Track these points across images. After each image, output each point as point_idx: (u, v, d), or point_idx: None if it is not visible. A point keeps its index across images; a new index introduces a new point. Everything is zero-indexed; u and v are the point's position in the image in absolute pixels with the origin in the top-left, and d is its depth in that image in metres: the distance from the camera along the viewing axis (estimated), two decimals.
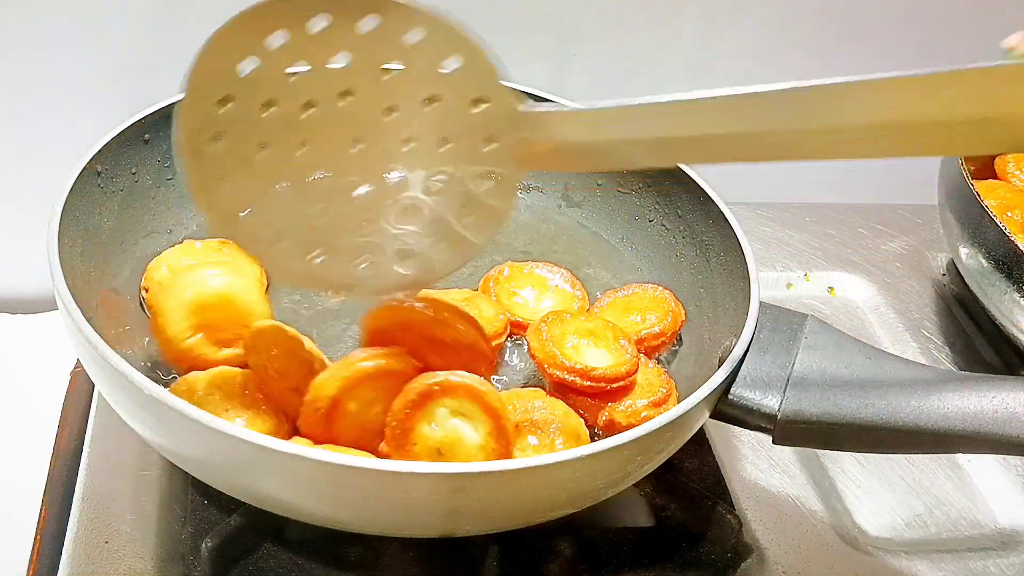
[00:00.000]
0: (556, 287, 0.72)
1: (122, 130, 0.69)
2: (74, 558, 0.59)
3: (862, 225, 0.98)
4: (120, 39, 0.81)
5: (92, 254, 0.66)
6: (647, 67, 0.95)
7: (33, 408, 0.76)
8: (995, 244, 0.75)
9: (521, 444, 0.57)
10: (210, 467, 0.54)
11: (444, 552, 0.60)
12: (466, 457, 0.53)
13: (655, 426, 0.52)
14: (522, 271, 0.73)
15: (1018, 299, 0.75)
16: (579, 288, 0.73)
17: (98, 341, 0.52)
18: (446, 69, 0.50)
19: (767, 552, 0.65)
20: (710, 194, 0.71)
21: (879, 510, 0.70)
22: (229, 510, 0.59)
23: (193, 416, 0.49)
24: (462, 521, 0.52)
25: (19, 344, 0.84)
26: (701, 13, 0.92)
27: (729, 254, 0.68)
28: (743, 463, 0.71)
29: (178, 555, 0.59)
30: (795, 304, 0.82)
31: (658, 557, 0.63)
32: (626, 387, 0.62)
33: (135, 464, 0.64)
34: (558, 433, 0.58)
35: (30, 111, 0.83)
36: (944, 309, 0.90)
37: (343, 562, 0.59)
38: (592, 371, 0.61)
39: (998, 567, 0.67)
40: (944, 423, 0.55)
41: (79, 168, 0.64)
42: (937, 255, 0.96)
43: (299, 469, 0.48)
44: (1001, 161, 0.92)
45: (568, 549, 0.62)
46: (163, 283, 0.64)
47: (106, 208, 0.68)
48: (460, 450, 0.53)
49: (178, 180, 0.75)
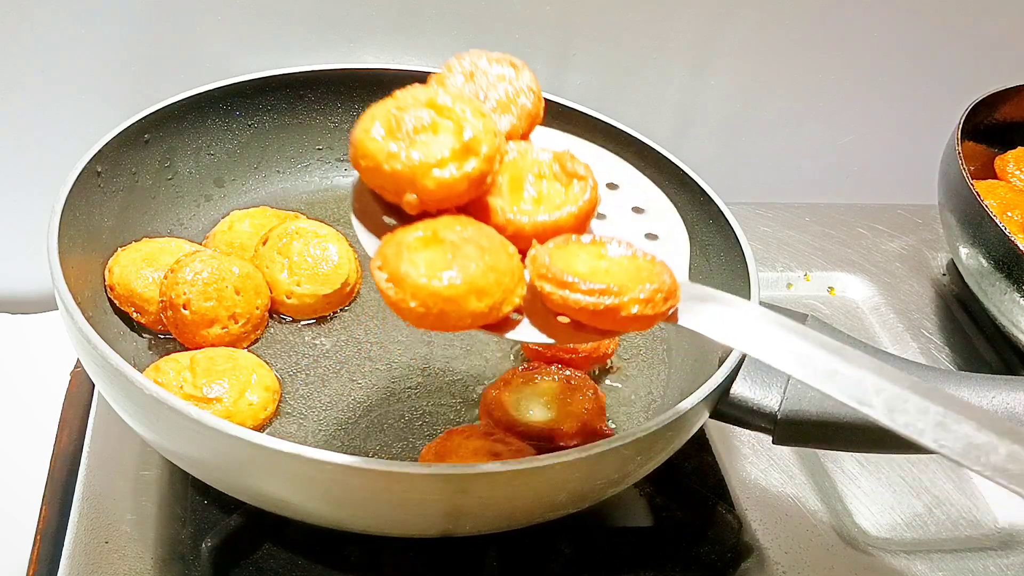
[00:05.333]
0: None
1: (122, 130, 0.69)
2: (74, 558, 0.59)
3: (862, 225, 0.98)
4: (120, 39, 0.81)
5: (92, 254, 0.66)
6: (647, 67, 0.95)
7: (33, 408, 0.76)
8: (995, 244, 0.75)
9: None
10: (210, 467, 0.54)
11: (444, 552, 0.60)
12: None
13: (655, 426, 0.52)
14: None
15: (1018, 299, 0.75)
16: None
17: (98, 341, 0.52)
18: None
19: (767, 552, 0.65)
20: (710, 194, 0.71)
21: (879, 510, 0.70)
22: (229, 510, 0.59)
23: (193, 416, 0.49)
24: (462, 521, 0.52)
25: (19, 344, 0.84)
26: (701, 13, 0.92)
27: (729, 254, 0.68)
28: (743, 463, 0.71)
29: (178, 555, 0.59)
30: (795, 304, 0.82)
31: (658, 557, 0.63)
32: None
33: (135, 464, 0.64)
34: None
35: (30, 111, 0.83)
36: (944, 309, 0.90)
37: (343, 562, 0.59)
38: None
39: (998, 567, 0.67)
40: None
41: (79, 168, 0.64)
42: (937, 255, 0.96)
43: (299, 469, 0.48)
44: (1001, 161, 0.92)
45: (568, 549, 0.62)
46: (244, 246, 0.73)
47: (106, 208, 0.68)
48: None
49: (178, 180, 0.75)
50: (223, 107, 0.77)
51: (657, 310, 0.45)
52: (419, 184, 0.46)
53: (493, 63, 0.55)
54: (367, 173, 0.47)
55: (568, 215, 0.49)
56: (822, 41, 0.97)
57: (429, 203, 0.47)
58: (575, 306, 0.45)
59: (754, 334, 0.46)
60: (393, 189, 0.47)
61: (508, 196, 0.50)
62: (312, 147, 0.82)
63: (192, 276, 0.65)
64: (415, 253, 0.45)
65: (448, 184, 0.46)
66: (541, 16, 0.89)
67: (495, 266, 0.45)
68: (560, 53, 0.93)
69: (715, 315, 0.47)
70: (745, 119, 1.01)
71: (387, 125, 0.47)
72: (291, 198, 0.81)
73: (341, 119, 0.82)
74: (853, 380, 0.42)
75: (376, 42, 0.87)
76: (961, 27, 1.00)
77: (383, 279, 0.45)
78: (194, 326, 0.65)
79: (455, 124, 0.47)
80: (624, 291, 0.45)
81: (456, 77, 0.54)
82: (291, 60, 0.84)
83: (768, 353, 0.45)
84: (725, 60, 0.96)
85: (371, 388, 0.67)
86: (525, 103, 0.54)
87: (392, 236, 0.46)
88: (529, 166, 0.51)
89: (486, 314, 0.45)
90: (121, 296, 0.66)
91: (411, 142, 0.46)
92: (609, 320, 0.45)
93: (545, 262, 0.46)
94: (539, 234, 0.48)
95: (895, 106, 1.04)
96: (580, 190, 0.50)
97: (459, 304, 0.44)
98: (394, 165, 0.45)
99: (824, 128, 1.04)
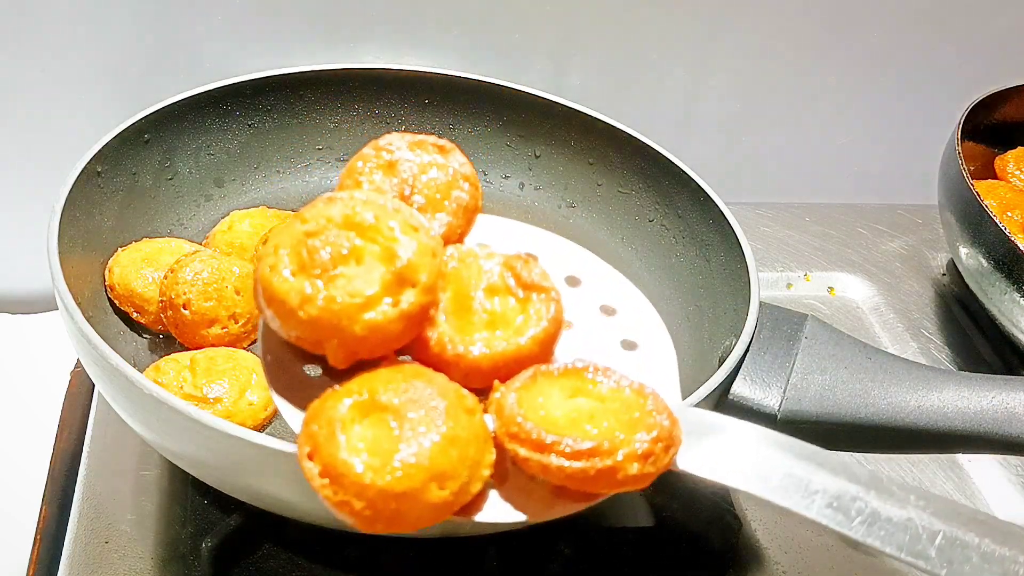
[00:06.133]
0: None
1: (122, 130, 0.69)
2: (74, 558, 0.59)
3: (862, 225, 0.98)
4: (120, 39, 0.81)
5: (92, 254, 0.66)
6: (647, 67, 0.95)
7: (33, 408, 0.76)
8: (995, 244, 0.75)
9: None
10: (210, 467, 0.54)
11: (444, 552, 0.60)
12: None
13: None
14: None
15: (1018, 299, 0.75)
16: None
17: (98, 341, 0.52)
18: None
19: (767, 552, 0.65)
20: (710, 194, 0.71)
21: None
22: (229, 510, 0.59)
23: (193, 416, 0.49)
24: (462, 521, 0.52)
25: (19, 344, 0.84)
26: (701, 13, 0.92)
27: (729, 254, 0.68)
28: None
29: (178, 555, 0.59)
30: (795, 304, 0.82)
31: (658, 557, 0.63)
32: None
33: (135, 464, 0.64)
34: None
35: (30, 111, 0.83)
36: (944, 309, 0.90)
37: (343, 562, 0.59)
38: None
39: None
40: (944, 423, 0.55)
41: (79, 168, 0.64)
42: (937, 255, 0.96)
43: (299, 469, 0.48)
44: (1001, 161, 0.92)
45: (568, 549, 0.62)
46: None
47: (106, 208, 0.68)
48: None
49: (178, 180, 0.75)
50: (223, 107, 0.77)
51: (659, 465, 0.38)
52: (345, 331, 0.38)
53: (415, 148, 0.46)
54: (280, 320, 0.39)
55: (531, 340, 0.41)
56: (822, 41, 0.97)
57: (360, 352, 0.39)
58: (559, 473, 0.37)
59: (768, 476, 0.38)
60: (312, 339, 0.38)
61: (453, 321, 0.41)
62: (312, 147, 0.82)
63: (192, 276, 0.65)
64: (351, 430, 0.37)
65: (381, 327, 0.38)
66: (541, 16, 0.89)
67: (455, 436, 0.37)
68: (560, 53, 0.93)
69: (721, 454, 0.39)
70: (745, 119, 1.01)
71: (297, 258, 0.38)
72: (291, 198, 0.81)
73: (341, 119, 0.82)
74: (899, 524, 0.35)
75: (376, 42, 0.87)
76: (961, 27, 1.00)
77: (315, 473, 0.37)
78: (194, 326, 0.65)
79: (382, 248, 0.39)
80: (616, 447, 0.37)
81: (374, 173, 0.45)
82: (291, 60, 0.84)
83: (789, 500, 0.38)
84: (725, 60, 0.96)
85: None
86: (460, 195, 0.45)
87: (320, 406, 0.38)
88: (475, 277, 0.42)
89: (451, 503, 0.37)
90: (121, 296, 0.66)
91: (329, 278, 0.38)
92: (601, 483, 0.38)
93: (516, 418, 0.38)
94: (498, 369, 0.40)
95: (895, 106, 1.04)
96: (543, 306, 0.42)
97: (416, 498, 0.36)
98: (310, 311, 0.37)
99: (824, 128, 1.04)
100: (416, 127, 0.84)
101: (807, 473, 0.37)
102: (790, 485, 0.37)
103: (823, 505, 0.36)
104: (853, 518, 0.36)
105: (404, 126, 0.83)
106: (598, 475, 0.37)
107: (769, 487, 0.38)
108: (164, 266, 0.66)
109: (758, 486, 0.38)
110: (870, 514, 0.35)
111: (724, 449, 0.39)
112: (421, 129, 0.84)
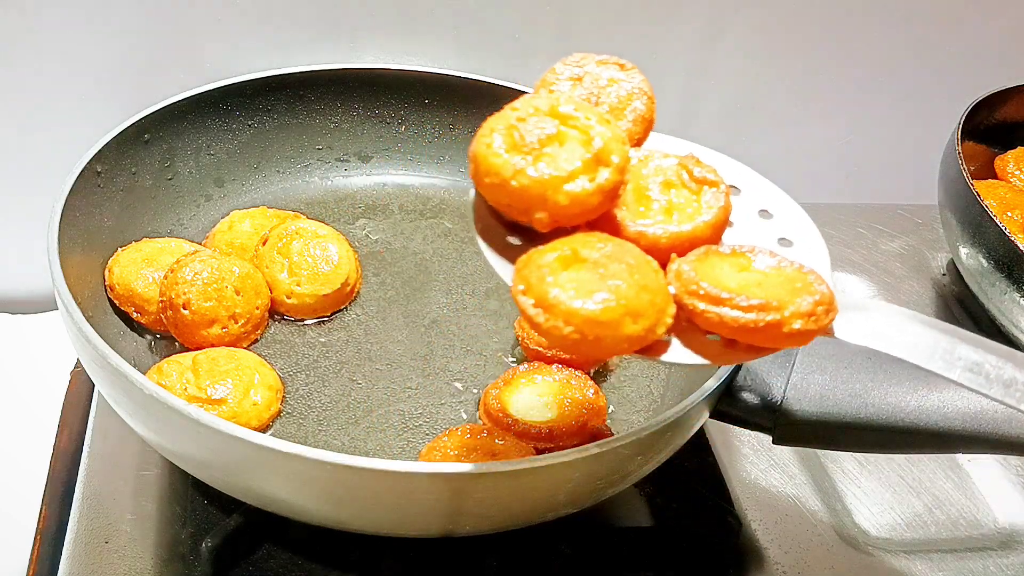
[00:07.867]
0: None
1: (122, 130, 0.69)
2: (74, 558, 0.59)
3: (862, 225, 0.98)
4: (120, 39, 0.81)
5: (92, 254, 0.66)
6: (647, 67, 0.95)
7: (33, 408, 0.76)
8: (995, 244, 0.75)
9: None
10: (210, 467, 0.54)
11: (444, 552, 0.60)
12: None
13: (655, 426, 0.52)
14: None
15: (1018, 299, 0.75)
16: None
17: (98, 341, 0.52)
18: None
19: (767, 552, 0.65)
20: None
21: (879, 510, 0.70)
22: (229, 510, 0.59)
23: (193, 416, 0.49)
24: (462, 521, 0.52)
25: (19, 344, 0.84)
26: (701, 13, 0.92)
27: None
28: (743, 463, 0.71)
29: (178, 555, 0.59)
30: None
31: (658, 557, 0.63)
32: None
33: (135, 464, 0.64)
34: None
35: (30, 111, 0.83)
36: (944, 309, 0.90)
37: (343, 562, 0.59)
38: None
39: (998, 567, 0.67)
40: (944, 423, 0.55)
41: (79, 168, 0.64)
42: (937, 255, 0.96)
43: (299, 469, 0.48)
44: (1001, 161, 0.92)
45: (568, 549, 0.62)
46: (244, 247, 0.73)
47: (106, 208, 0.68)
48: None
49: (178, 180, 0.75)
50: (223, 107, 0.77)
51: (820, 324, 0.42)
52: (550, 200, 0.43)
53: (601, 65, 0.52)
54: (491, 191, 0.44)
55: (704, 224, 0.46)
56: (822, 41, 0.97)
57: (560, 220, 0.44)
58: (732, 324, 0.42)
59: (916, 344, 0.43)
60: (521, 207, 0.44)
61: (635, 208, 0.47)
62: (312, 147, 0.82)
63: (192, 276, 0.65)
64: (559, 275, 0.42)
65: (581, 198, 0.43)
66: (541, 16, 0.89)
67: (646, 284, 0.42)
68: (560, 53, 0.92)
69: (872, 326, 0.44)
70: (745, 119, 1.01)
71: (509, 138, 0.44)
72: (291, 198, 0.81)
73: (341, 119, 0.82)
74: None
75: (376, 42, 0.87)
76: (961, 27, 1.00)
77: (529, 305, 0.41)
78: (194, 326, 0.65)
79: (581, 133, 0.44)
80: (784, 305, 0.41)
81: (563, 83, 0.51)
82: (291, 60, 0.84)
83: (934, 364, 0.43)
84: (725, 60, 0.96)
85: (371, 388, 0.67)
86: (639, 107, 0.51)
87: (529, 258, 0.43)
88: (653, 174, 0.48)
89: (642, 337, 0.42)
90: (121, 296, 0.66)
91: (537, 155, 0.43)
92: (768, 337, 0.42)
93: (693, 277, 0.43)
94: (676, 247, 0.45)
95: (895, 106, 1.04)
96: (712, 196, 0.47)
97: (615, 328, 0.41)
98: (522, 181, 0.42)
99: (824, 128, 1.04)
100: (416, 127, 0.84)
101: (950, 345, 0.43)
102: (935, 352, 0.43)
103: (964, 369, 0.42)
104: (993, 381, 0.41)
105: (404, 126, 0.83)
106: (767, 327, 0.41)
107: (916, 353, 0.43)
108: (164, 266, 0.66)
109: (907, 352, 0.43)
110: (1009, 379, 0.41)
111: (874, 322, 0.44)
112: (421, 129, 0.84)
